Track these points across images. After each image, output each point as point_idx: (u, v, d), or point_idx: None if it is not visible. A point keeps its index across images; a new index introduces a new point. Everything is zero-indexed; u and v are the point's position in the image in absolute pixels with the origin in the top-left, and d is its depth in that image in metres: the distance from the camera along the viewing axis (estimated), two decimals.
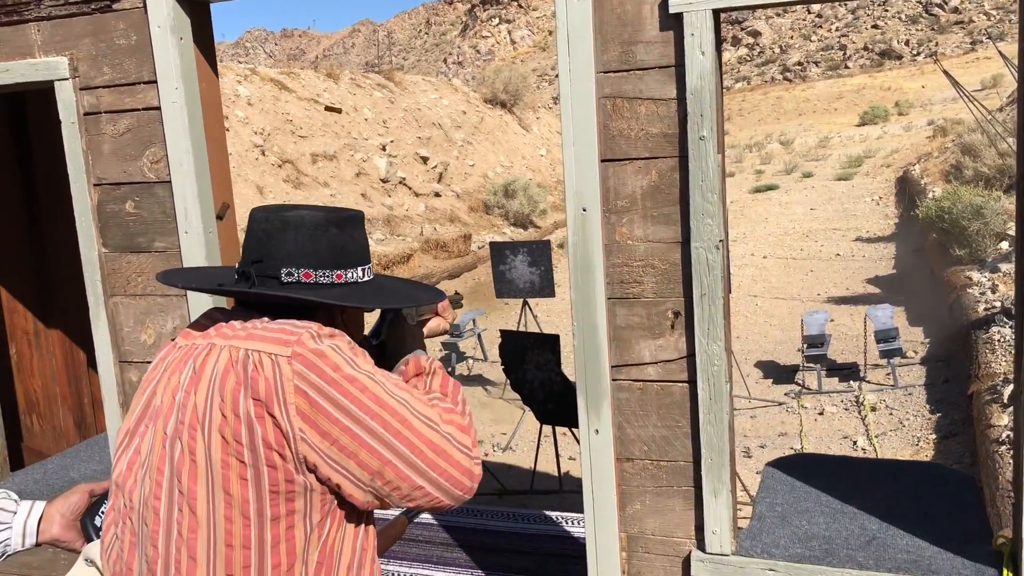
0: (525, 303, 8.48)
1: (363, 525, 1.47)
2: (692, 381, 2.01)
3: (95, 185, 2.47)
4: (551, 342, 5.69)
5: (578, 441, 6.09)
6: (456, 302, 1.95)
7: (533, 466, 6.26)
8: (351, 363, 1.37)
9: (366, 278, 1.56)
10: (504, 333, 5.98)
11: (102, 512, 1.72)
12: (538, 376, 5.76)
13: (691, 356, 2.00)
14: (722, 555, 2.01)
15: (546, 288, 7.98)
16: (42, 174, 3.49)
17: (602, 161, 2.00)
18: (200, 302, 2.39)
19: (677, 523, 2.07)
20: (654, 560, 2.10)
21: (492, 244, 8.13)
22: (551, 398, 5.72)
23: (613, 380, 2.07)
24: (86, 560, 1.66)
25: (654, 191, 1.97)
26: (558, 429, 6.18)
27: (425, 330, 1.76)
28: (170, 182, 2.38)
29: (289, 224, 1.49)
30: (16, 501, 1.73)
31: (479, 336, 10.06)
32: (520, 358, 5.79)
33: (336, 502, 1.40)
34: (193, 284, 1.58)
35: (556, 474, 6.17)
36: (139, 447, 1.47)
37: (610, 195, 2.00)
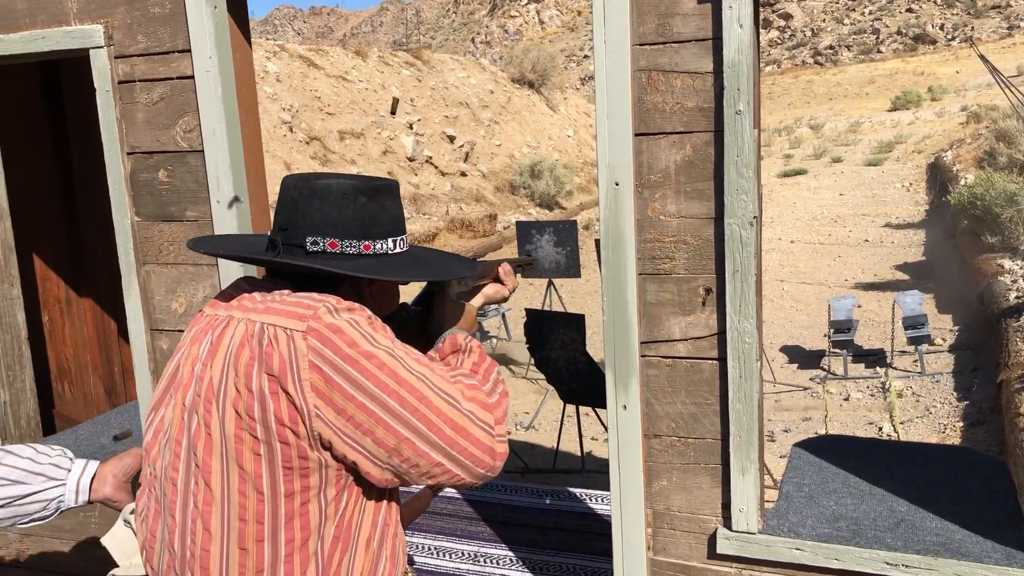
0: (550, 283, 8.46)
1: (384, 500, 1.46)
2: (722, 358, 1.99)
3: (128, 154, 2.48)
4: (576, 321, 5.68)
5: (601, 421, 6.08)
6: (523, 266, 1.85)
7: (556, 446, 6.27)
8: (369, 338, 1.34)
9: (398, 249, 1.52)
10: (529, 312, 5.98)
11: None
12: (563, 355, 5.75)
13: (722, 333, 1.98)
14: (748, 533, 2.00)
15: (572, 268, 7.96)
16: (75, 143, 3.52)
17: (636, 135, 1.98)
18: (231, 271, 2.41)
19: (703, 500, 2.06)
20: (679, 537, 2.10)
21: (519, 223, 8.11)
22: (575, 378, 5.72)
23: (642, 356, 2.06)
24: (125, 521, 1.69)
25: (688, 166, 1.95)
26: (581, 409, 6.18)
27: (482, 296, 1.72)
28: (203, 151, 2.38)
29: (316, 192, 1.46)
30: (71, 459, 1.76)
31: (503, 316, 10.06)
32: (545, 337, 5.78)
33: (353, 478, 1.38)
34: (221, 251, 1.57)
35: (579, 454, 6.17)
36: (163, 417, 1.49)
37: (643, 169, 1.99)
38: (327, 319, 1.33)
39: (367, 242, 1.47)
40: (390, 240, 1.50)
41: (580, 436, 6.12)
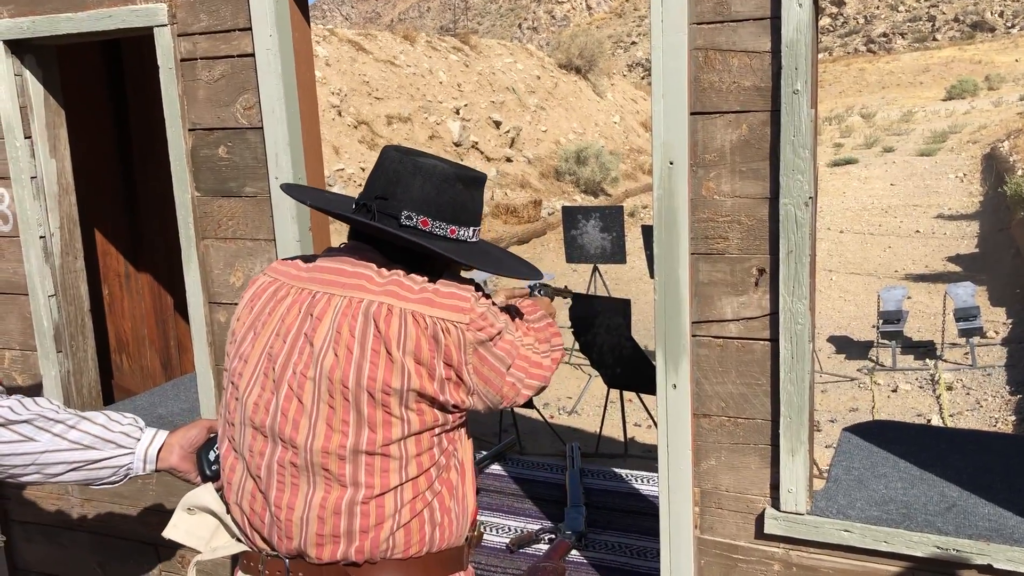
0: (595, 269, 8.46)
1: (470, 439, 1.69)
2: (774, 339, 1.99)
3: (190, 130, 2.54)
4: (622, 306, 5.68)
5: (646, 407, 6.06)
6: (561, 293, 2.06)
7: (599, 430, 6.29)
8: (497, 319, 1.56)
9: (473, 239, 1.65)
10: (574, 296, 5.99)
11: (216, 449, 1.80)
12: (607, 340, 5.75)
13: (774, 314, 1.98)
14: (797, 514, 2.00)
15: (617, 254, 7.95)
16: (135, 120, 3.60)
17: (692, 114, 1.98)
18: (288, 248, 2.46)
19: (752, 480, 2.07)
20: (727, 516, 2.11)
21: (564, 208, 8.11)
22: (619, 363, 5.72)
23: (693, 336, 2.07)
24: (188, 509, 1.69)
25: (744, 145, 1.95)
26: (625, 394, 6.18)
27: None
28: (262, 128, 2.43)
29: (421, 170, 1.57)
30: (141, 429, 1.82)
31: None
32: (590, 322, 5.79)
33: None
34: (320, 204, 1.67)
35: (622, 439, 6.18)
36: (245, 382, 1.59)
37: (698, 149, 1.99)
38: (478, 309, 1.51)
39: (453, 227, 1.60)
40: (470, 229, 1.64)
41: (624, 421, 6.12)
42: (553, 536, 2.78)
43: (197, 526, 1.68)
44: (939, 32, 66.92)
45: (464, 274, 1.70)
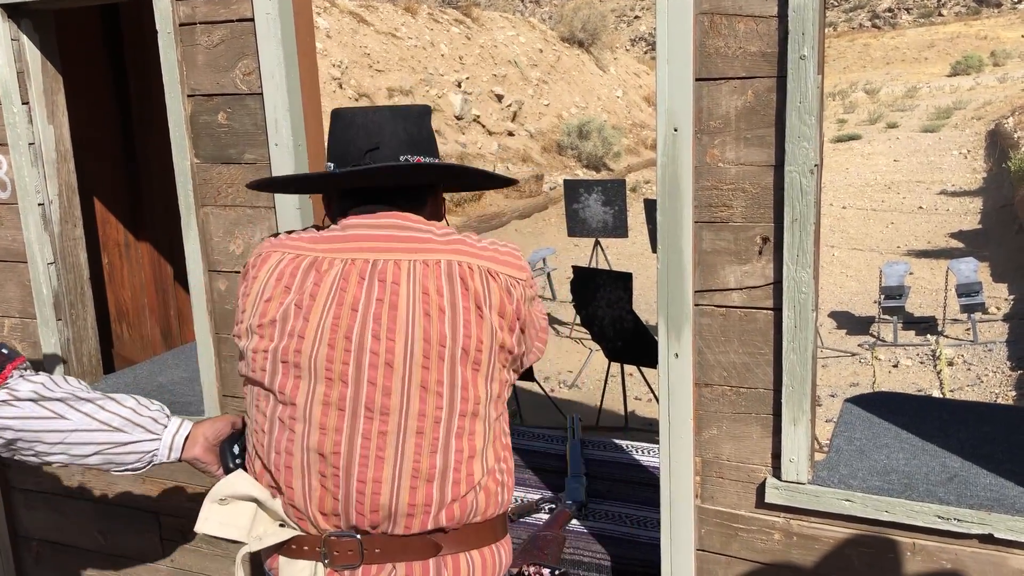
0: (597, 243, 8.44)
1: None
2: (777, 308, 1.98)
3: (189, 96, 2.52)
4: (624, 279, 5.67)
5: (646, 380, 6.06)
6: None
7: (599, 404, 6.30)
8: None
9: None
10: (576, 269, 5.98)
11: (240, 443, 1.76)
12: (609, 313, 5.75)
13: (778, 283, 1.97)
14: (798, 483, 2.00)
15: (619, 228, 7.93)
16: (134, 88, 3.57)
17: (696, 80, 1.95)
18: (287, 215, 2.44)
19: (753, 450, 2.06)
20: (728, 485, 2.10)
21: (566, 182, 8.08)
22: (620, 336, 5.72)
23: (696, 305, 2.06)
24: (220, 500, 1.61)
25: (749, 112, 1.93)
26: (626, 368, 6.18)
27: None
28: (261, 94, 2.41)
29: (398, 113, 1.60)
30: (168, 416, 1.80)
31: (548, 275, 10.07)
32: (591, 295, 5.78)
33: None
34: (302, 186, 1.79)
35: (622, 412, 6.20)
36: (309, 356, 1.51)
37: (703, 115, 1.97)
38: (528, 268, 1.62)
39: (435, 159, 1.66)
40: (440, 159, 1.72)
41: (624, 395, 6.13)
42: (553, 506, 2.78)
43: (233, 515, 1.59)
44: (945, 7, 66.37)
45: None
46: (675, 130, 1.97)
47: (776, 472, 2.04)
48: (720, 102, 1.95)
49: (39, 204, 2.81)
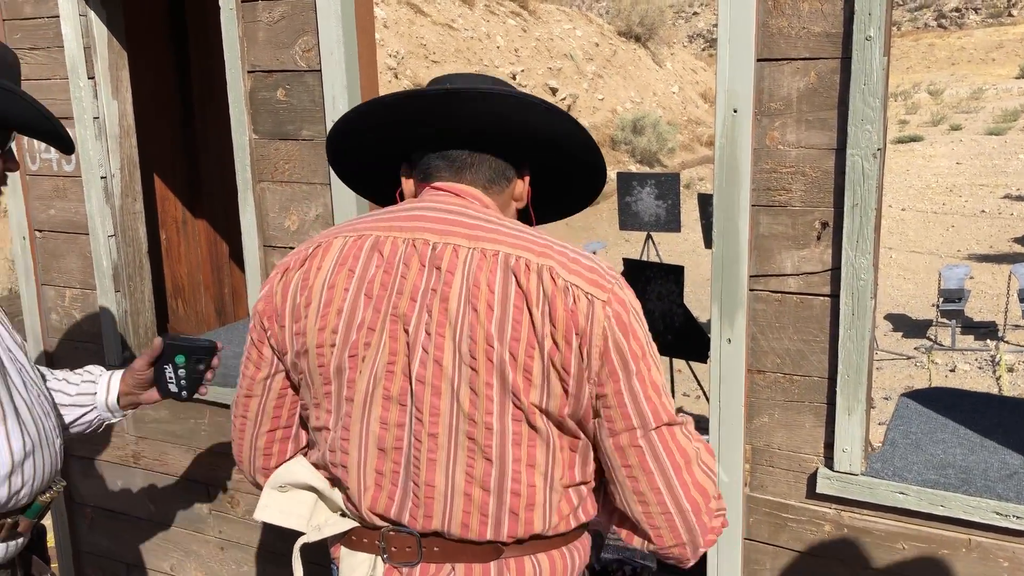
0: (649, 237, 8.37)
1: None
2: (835, 295, 1.94)
3: (249, 72, 2.54)
4: (675, 272, 5.62)
5: (696, 376, 5.99)
6: None
7: None
8: (642, 326, 1.37)
9: None
10: (627, 261, 5.94)
11: (178, 360, 1.84)
12: (659, 307, 5.70)
13: (836, 269, 1.93)
14: (851, 474, 1.96)
15: (672, 222, 7.84)
16: (195, 65, 3.62)
17: (758, 60, 1.92)
18: (342, 191, 2.45)
19: (805, 439, 2.03)
20: (778, 474, 2.07)
21: (619, 175, 8.02)
22: (671, 330, 5.67)
23: (750, 290, 2.02)
24: (279, 487, 1.56)
25: (811, 94, 1.89)
26: (675, 363, 6.13)
27: None
28: (320, 71, 2.42)
29: (477, 74, 1.53)
30: (94, 382, 1.92)
31: None
32: (642, 288, 5.74)
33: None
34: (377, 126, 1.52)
35: None
36: (374, 352, 1.41)
37: (763, 97, 1.93)
38: (620, 294, 1.35)
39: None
40: None
41: (672, 391, 6.08)
42: None
43: (292, 504, 1.54)
44: (1015, 7, 64.55)
45: None
46: (735, 111, 1.94)
47: (828, 462, 2.00)
48: (782, 83, 1.91)
49: (102, 177, 2.87)
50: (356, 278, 1.42)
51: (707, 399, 2.05)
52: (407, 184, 1.55)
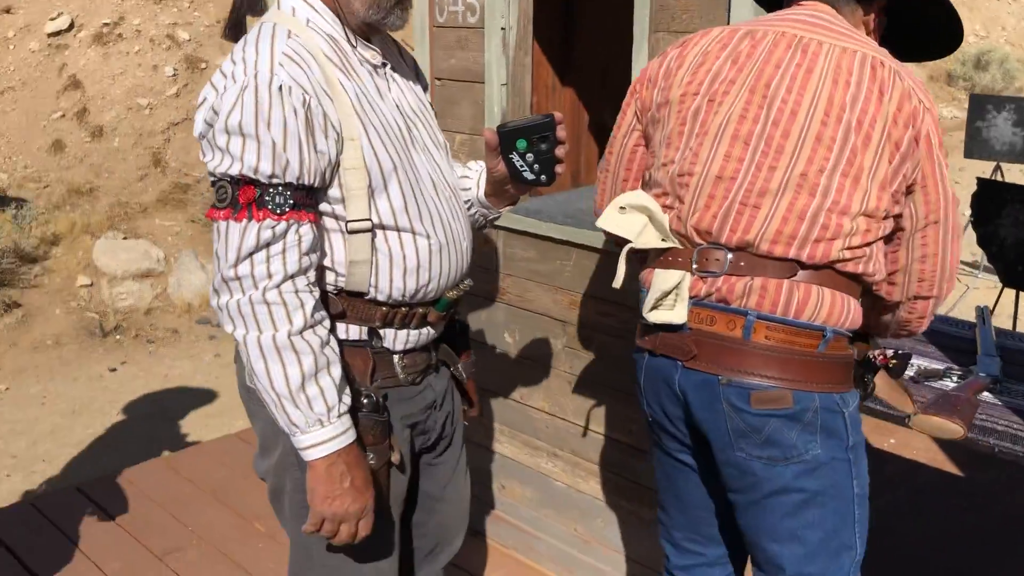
0: (998, 167, 7.65)
1: None
2: None
3: None
4: None
5: None
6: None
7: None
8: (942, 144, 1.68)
9: None
10: (981, 182, 5.49)
11: (519, 145, 1.75)
12: (1013, 233, 5.24)
13: None
14: None
15: None
16: None
17: None
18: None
19: None
20: None
21: (973, 96, 7.37)
22: (1022, 260, 5.20)
23: None
24: (620, 208, 1.80)
25: None
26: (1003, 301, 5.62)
27: None
28: None
29: None
30: (468, 177, 2.02)
31: None
32: (996, 211, 5.30)
33: None
34: None
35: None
36: (731, 100, 1.72)
37: None
38: (934, 112, 1.63)
39: None
40: None
41: (1014, 324, 5.60)
42: (961, 375, 2.67)
43: (627, 222, 1.81)
44: None
45: None
46: None
47: None
48: None
49: (501, 28, 3.11)
50: (728, 49, 1.75)
51: None
52: None
